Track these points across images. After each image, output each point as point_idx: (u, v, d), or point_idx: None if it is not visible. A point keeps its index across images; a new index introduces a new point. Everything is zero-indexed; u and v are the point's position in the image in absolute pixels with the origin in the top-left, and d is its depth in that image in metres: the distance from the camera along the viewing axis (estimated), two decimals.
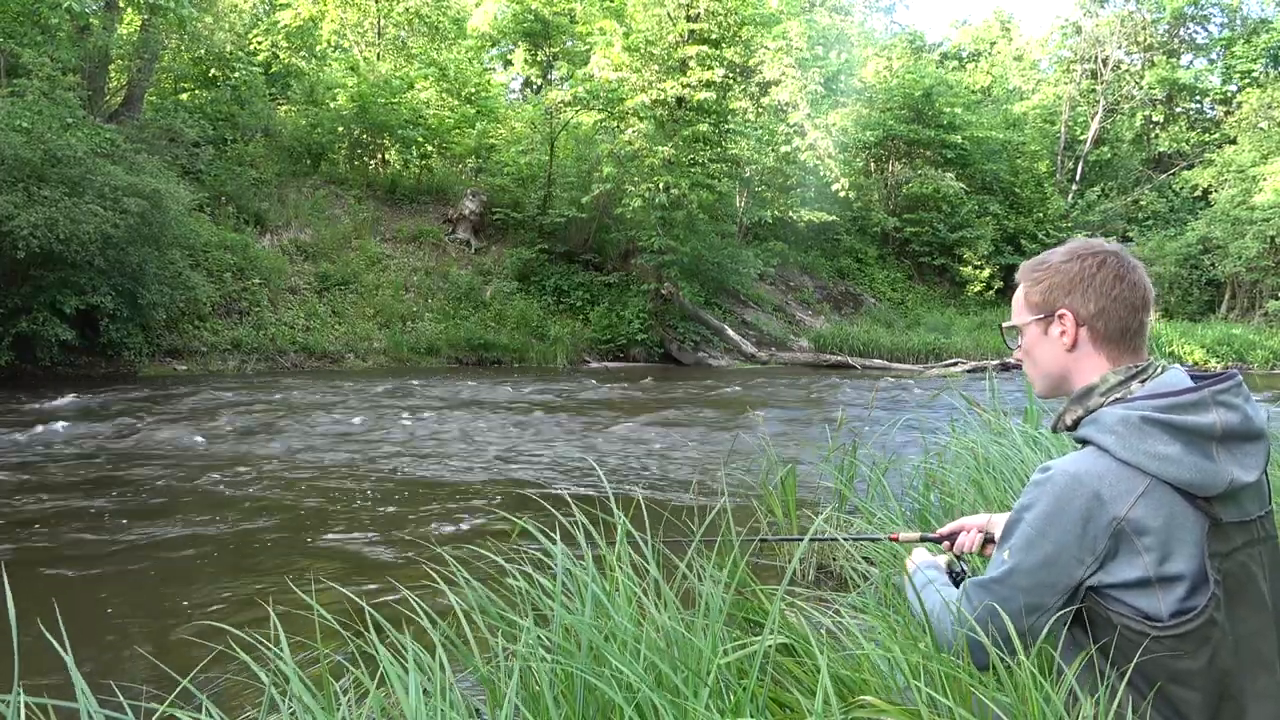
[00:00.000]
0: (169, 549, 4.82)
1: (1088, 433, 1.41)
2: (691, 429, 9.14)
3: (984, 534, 1.87)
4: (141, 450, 7.45)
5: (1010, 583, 1.40)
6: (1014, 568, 1.39)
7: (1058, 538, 1.35)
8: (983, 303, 26.41)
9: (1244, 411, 1.38)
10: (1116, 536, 1.33)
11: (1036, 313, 1.52)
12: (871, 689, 1.57)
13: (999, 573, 1.42)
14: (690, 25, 18.52)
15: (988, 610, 1.41)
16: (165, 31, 16.74)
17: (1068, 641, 1.42)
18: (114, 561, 4.60)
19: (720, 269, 19.86)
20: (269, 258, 16.38)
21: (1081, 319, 1.47)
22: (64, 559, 4.59)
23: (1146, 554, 1.32)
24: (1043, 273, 1.52)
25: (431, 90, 22.18)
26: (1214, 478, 1.33)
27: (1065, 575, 1.36)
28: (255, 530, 5.20)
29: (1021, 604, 1.38)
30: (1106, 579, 1.34)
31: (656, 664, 1.61)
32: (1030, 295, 1.53)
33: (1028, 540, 1.38)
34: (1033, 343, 1.54)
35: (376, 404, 10.63)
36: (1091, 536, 1.33)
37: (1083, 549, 1.34)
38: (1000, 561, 1.43)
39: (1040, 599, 1.37)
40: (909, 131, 26.41)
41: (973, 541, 1.86)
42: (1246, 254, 24.76)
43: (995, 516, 1.89)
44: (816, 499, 4.20)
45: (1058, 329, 1.49)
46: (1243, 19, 32.77)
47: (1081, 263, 1.47)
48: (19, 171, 11.21)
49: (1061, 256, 1.51)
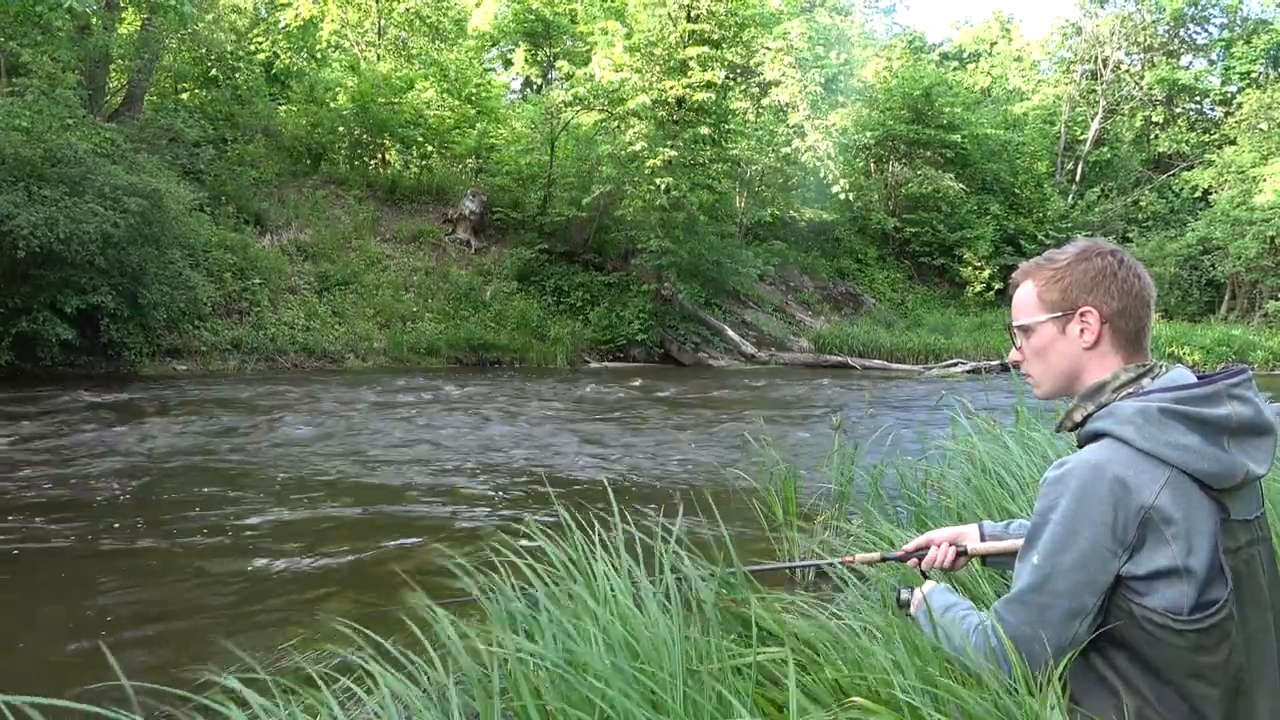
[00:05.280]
0: (167, 548, 4.82)
1: (1103, 425, 1.39)
2: (691, 430, 9.15)
3: (955, 547, 1.79)
4: (140, 450, 7.45)
5: (1049, 589, 1.34)
6: (1050, 573, 1.34)
7: (1090, 533, 1.31)
8: (983, 303, 26.41)
9: (1255, 405, 1.38)
10: (1145, 525, 1.30)
11: (1053, 311, 1.48)
12: (863, 690, 1.58)
13: (1033, 581, 1.36)
14: (691, 26, 18.53)
15: (1032, 625, 1.35)
16: (166, 31, 16.74)
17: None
18: (113, 560, 4.61)
19: (720, 269, 19.88)
20: (269, 258, 16.39)
21: (1105, 316, 1.44)
22: (59, 557, 4.60)
23: (1174, 542, 1.29)
24: (1059, 270, 1.48)
25: (432, 90, 22.19)
26: (1231, 469, 1.32)
27: (1103, 571, 1.32)
28: (245, 533, 5.20)
29: (1066, 609, 1.33)
30: (1134, 570, 1.31)
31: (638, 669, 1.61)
32: (1045, 294, 1.49)
33: (1058, 541, 1.34)
34: (1046, 341, 1.50)
35: (375, 404, 10.64)
36: (1122, 524, 1.30)
37: (1115, 540, 1.31)
38: (1032, 569, 1.37)
39: (1081, 601, 1.33)
40: (909, 132, 26.41)
41: (945, 555, 1.78)
42: (1246, 254, 24.76)
43: (964, 528, 1.84)
44: (816, 500, 4.21)
45: (1078, 327, 1.46)
46: (1243, 19, 32.79)
47: (1102, 260, 1.45)
48: (19, 171, 11.21)
49: (1075, 255, 1.48)
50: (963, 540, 1.80)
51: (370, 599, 4.07)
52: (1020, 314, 1.53)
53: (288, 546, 4.87)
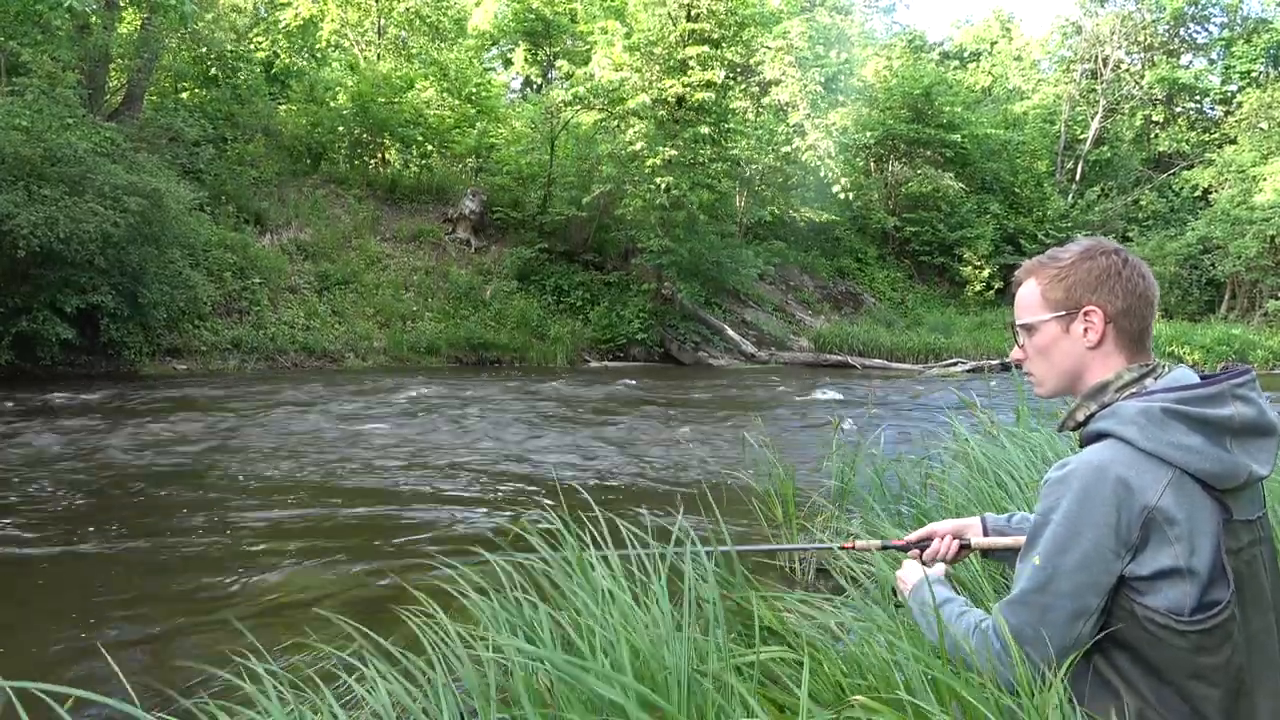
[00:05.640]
0: (166, 547, 4.82)
1: (1106, 425, 1.38)
2: (690, 429, 9.14)
3: (959, 540, 1.78)
4: (139, 449, 7.45)
5: (1051, 590, 1.34)
6: (1053, 573, 1.34)
7: (1092, 533, 1.31)
8: (983, 302, 26.41)
9: (1259, 406, 1.38)
10: (1148, 526, 1.30)
11: (1057, 309, 1.47)
12: (864, 690, 1.58)
13: (1036, 582, 1.36)
14: (691, 25, 18.53)
15: (1035, 626, 1.35)
16: (165, 30, 16.74)
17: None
18: (111, 560, 4.61)
19: (720, 269, 19.88)
20: (269, 257, 16.39)
21: (1109, 315, 1.44)
22: (58, 556, 4.60)
23: (1177, 543, 1.29)
24: (1063, 269, 1.47)
25: (432, 90, 22.19)
26: (1234, 469, 1.32)
27: (1105, 571, 1.32)
28: (245, 533, 5.20)
29: (1069, 610, 1.33)
30: (1138, 570, 1.31)
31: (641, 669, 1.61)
32: (1049, 292, 1.48)
33: (1060, 541, 1.34)
34: (1049, 340, 1.49)
35: (375, 404, 10.64)
36: (1125, 525, 1.30)
37: (1118, 540, 1.30)
38: (1034, 570, 1.37)
39: (1085, 602, 1.33)
40: (909, 131, 26.41)
41: (948, 548, 1.77)
42: (1246, 254, 24.76)
43: (967, 520, 1.83)
44: (816, 499, 4.21)
45: (1081, 326, 1.45)
46: (1243, 19, 32.78)
47: (1106, 259, 1.45)
48: (19, 170, 11.21)
49: (1079, 253, 1.47)
50: (966, 533, 1.80)
51: (369, 597, 4.07)
52: (1023, 312, 1.52)
53: (286, 546, 4.87)
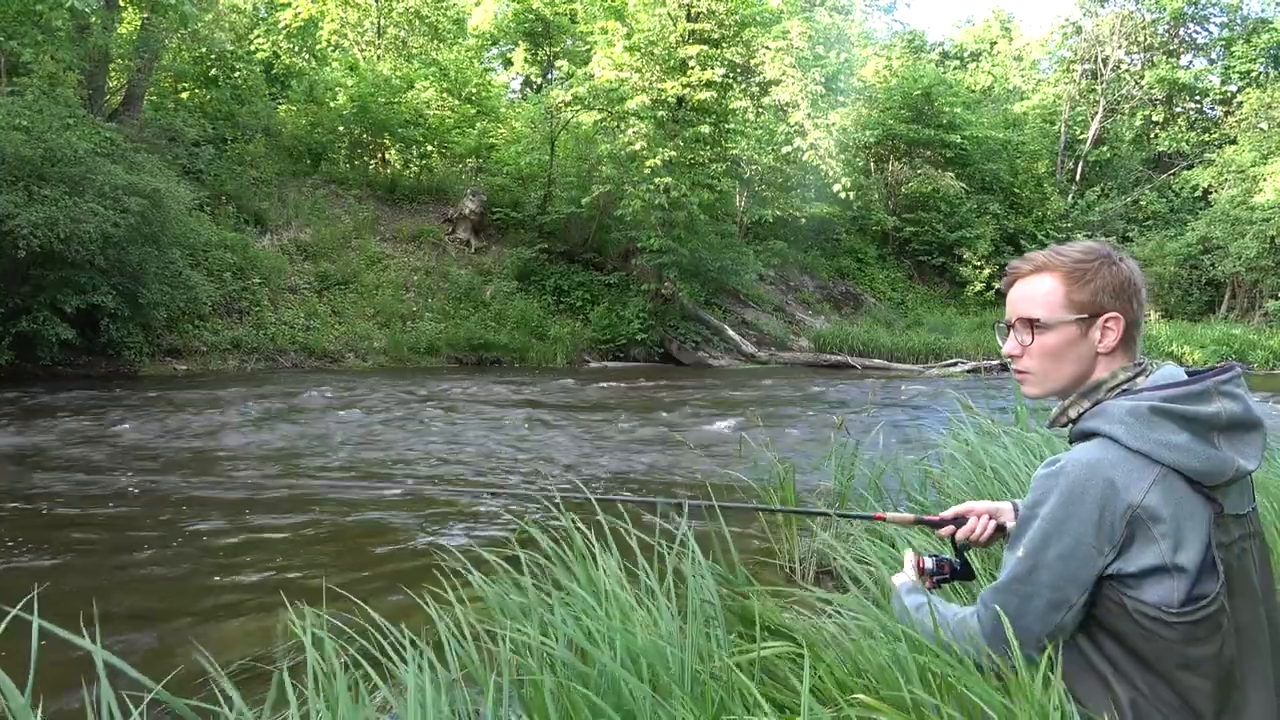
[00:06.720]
0: (164, 546, 4.83)
1: (1094, 424, 1.41)
2: (690, 429, 9.15)
3: (996, 522, 1.79)
4: (138, 449, 7.46)
5: (1033, 580, 1.38)
6: (1035, 565, 1.38)
7: (1076, 529, 1.34)
8: (982, 302, 26.42)
9: (1244, 401, 1.40)
10: (1133, 524, 1.32)
11: (1081, 312, 1.46)
12: (865, 689, 1.58)
13: (1018, 572, 1.40)
14: (691, 25, 18.53)
15: (1016, 612, 1.39)
16: (165, 31, 16.74)
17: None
18: (109, 560, 4.61)
19: (720, 269, 19.88)
20: (269, 257, 16.39)
21: (1127, 323, 1.46)
22: (56, 556, 4.60)
23: (1162, 540, 1.32)
24: (1086, 271, 1.46)
25: (431, 90, 22.20)
26: (1222, 465, 1.35)
27: (1087, 567, 1.35)
28: (245, 533, 5.21)
29: (1048, 600, 1.37)
30: (1125, 567, 1.34)
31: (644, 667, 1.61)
32: (1073, 294, 1.47)
33: (1045, 535, 1.37)
34: (1064, 342, 1.47)
35: (374, 404, 10.64)
36: (1109, 525, 1.33)
37: (1101, 538, 1.33)
38: (1017, 561, 1.41)
39: (1065, 594, 1.36)
40: (909, 131, 26.43)
41: (984, 528, 1.78)
42: (1246, 254, 24.77)
43: (1001, 504, 1.83)
44: (816, 499, 4.21)
45: (1099, 332, 1.46)
46: (1243, 19, 32.78)
47: (1125, 266, 1.47)
48: (19, 170, 11.21)
49: (1099, 257, 1.47)
50: (1002, 516, 1.79)
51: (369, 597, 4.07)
52: (1036, 308, 1.50)
53: (286, 546, 4.87)
